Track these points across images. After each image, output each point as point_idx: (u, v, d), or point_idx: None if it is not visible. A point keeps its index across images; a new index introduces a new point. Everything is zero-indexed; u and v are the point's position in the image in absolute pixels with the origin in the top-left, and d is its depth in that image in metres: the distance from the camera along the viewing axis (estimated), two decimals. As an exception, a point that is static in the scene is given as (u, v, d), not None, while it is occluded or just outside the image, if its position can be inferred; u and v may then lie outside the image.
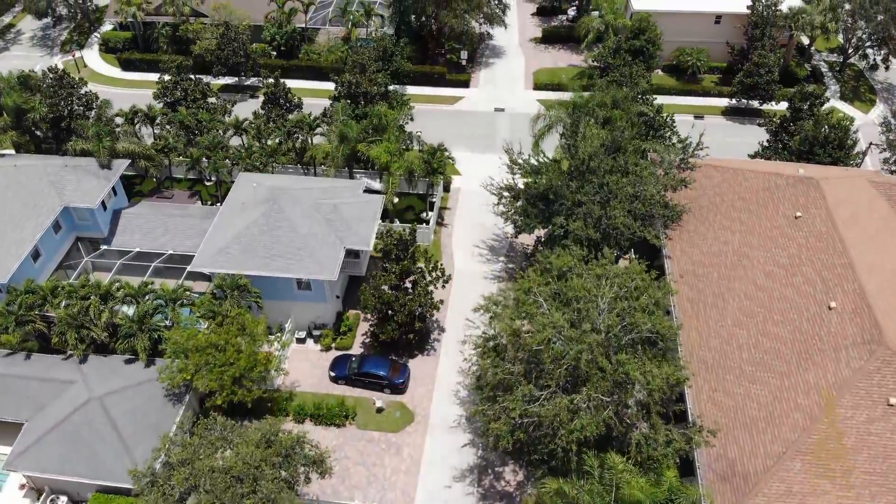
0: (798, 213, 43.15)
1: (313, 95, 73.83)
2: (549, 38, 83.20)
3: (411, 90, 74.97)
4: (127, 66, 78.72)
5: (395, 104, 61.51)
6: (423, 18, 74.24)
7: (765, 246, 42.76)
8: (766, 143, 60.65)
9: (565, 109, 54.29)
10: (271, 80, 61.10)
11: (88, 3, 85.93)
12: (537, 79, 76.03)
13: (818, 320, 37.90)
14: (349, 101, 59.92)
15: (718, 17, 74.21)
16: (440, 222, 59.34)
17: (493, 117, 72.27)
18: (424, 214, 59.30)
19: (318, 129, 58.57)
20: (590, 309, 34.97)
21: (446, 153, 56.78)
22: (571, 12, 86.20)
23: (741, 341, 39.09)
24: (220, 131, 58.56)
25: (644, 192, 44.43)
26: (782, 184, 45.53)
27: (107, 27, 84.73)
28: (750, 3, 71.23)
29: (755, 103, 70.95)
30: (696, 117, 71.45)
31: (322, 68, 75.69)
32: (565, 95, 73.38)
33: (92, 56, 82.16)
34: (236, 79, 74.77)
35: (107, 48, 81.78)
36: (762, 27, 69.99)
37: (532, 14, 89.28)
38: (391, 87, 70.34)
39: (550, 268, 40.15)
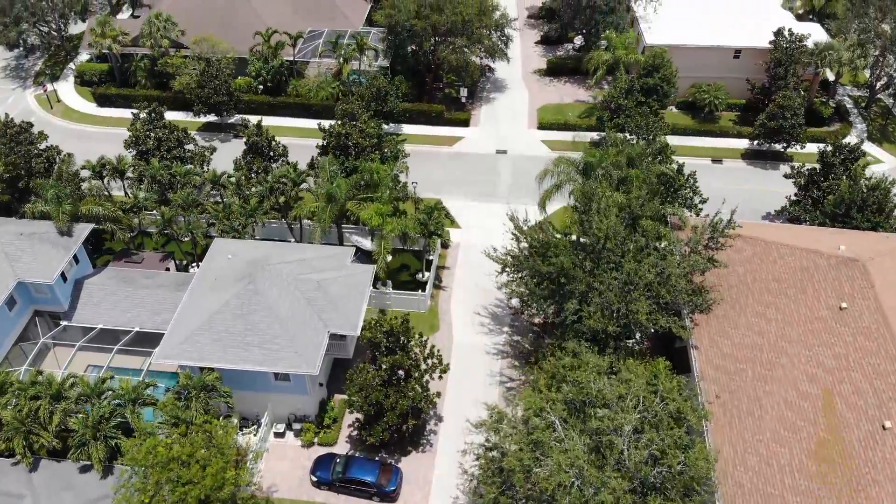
0: (843, 304, 37.96)
1: (301, 135, 69.01)
2: (555, 71, 78.02)
3: (407, 129, 69.98)
4: (103, 101, 73.52)
5: (388, 155, 56.32)
6: (420, 54, 69.01)
7: (806, 341, 37.59)
8: (794, 198, 55.59)
9: (575, 167, 49.24)
10: (253, 127, 55.82)
11: (63, 32, 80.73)
12: (542, 117, 70.82)
13: (871, 442, 32.76)
14: (338, 152, 54.75)
15: (737, 52, 69.07)
16: (437, 284, 54.17)
17: (495, 160, 67.07)
18: (420, 275, 54.18)
19: (304, 185, 53.53)
20: (613, 439, 29.84)
21: (444, 212, 51.67)
22: (578, 41, 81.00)
23: (782, 461, 33.92)
24: (197, 186, 53.44)
25: (668, 275, 39.21)
26: (823, 265, 40.35)
27: (83, 57, 79.46)
28: (772, 39, 66.07)
29: (778, 145, 65.73)
30: (713, 161, 66.32)
31: (311, 106, 70.61)
32: (572, 135, 68.88)
33: (66, 89, 76.97)
34: (219, 117, 69.45)
35: (82, 81, 76.59)
36: (786, 64, 64.80)
37: (536, 43, 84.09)
38: (386, 127, 65.52)
39: (565, 372, 35.04)
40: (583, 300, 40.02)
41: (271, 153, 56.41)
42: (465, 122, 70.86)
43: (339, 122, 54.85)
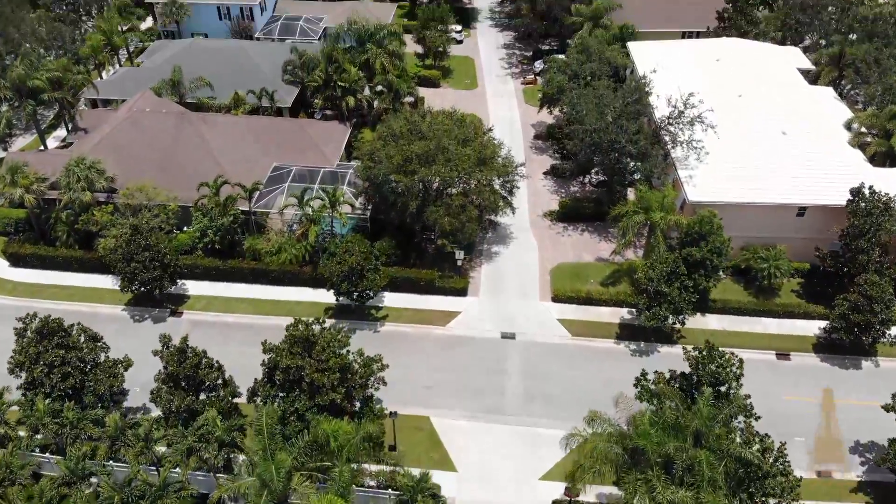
0: None
1: (257, 310, 55.78)
2: (570, 216, 64.00)
3: (389, 299, 56.25)
4: (15, 261, 59.51)
5: (357, 382, 41.98)
6: (407, 218, 55.04)
7: None
8: (901, 440, 41.23)
9: (620, 443, 34.89)
10: (173, 350, 41.44)
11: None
12: (557, 286, 56.60)
13: None
14: (288, 386, 40.47)
15: (802, 210, 55.30)
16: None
17: (501, 350, 52.67)
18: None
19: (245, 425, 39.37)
20: None
21: (435, 490, 37.20)
22: (595, 173, 66.98)
23: None
24: (95, 438, 39.20)
25: None
26: None
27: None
28: (850, 198, 52.29)
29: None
30: (778, 356, 52.05)
31: (270, 272, 56.73)
32: (596, 312, 54.85)
33: (-23, 238, 63.09)
34: (151, 293, 55.21)
35: (-5, 230, 62.86)
36: (868, 232, 50.88)
37: (545, 173, 70.28)
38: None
39: None
40: None
41: (201, 380, 42.01)
42: (461, 291, 56.76)
43: (290, 347, 40.42)
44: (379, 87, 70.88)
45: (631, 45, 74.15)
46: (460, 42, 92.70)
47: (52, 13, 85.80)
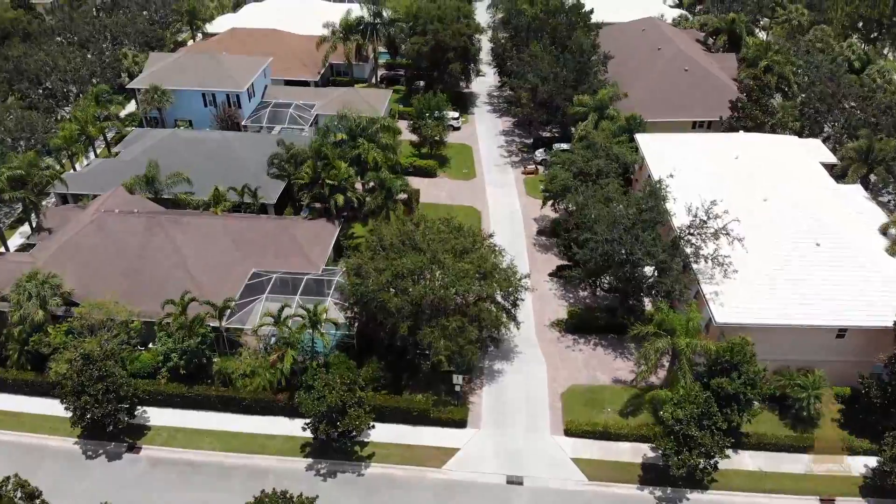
0: None
1: (226, 447, 48.79)
2: (580, 326, 57.82)
3: (378, 433, 49.31)
4: (-44, 385, 53.07)
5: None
6: (397, 340, 48.88)
7: None
8: None
9: None
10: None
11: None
12: (570, 417, 49.84)
13: None
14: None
15: (842, 331, 49.21)
16: None
17: (507, 498, 45.62)
18: None
19: None
20: None
21: None
22: (605, 281, 60.59)
23: None
24: None
25: None
26: None
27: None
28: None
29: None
30: (822, 501, 45.19)
31: (241, 399, 50.19)
32: (615, 449, 48.04)
33: (-82, 356, 56.50)
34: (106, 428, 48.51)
35: (-62, 346, 56.34)
36: (922, 362, 44.79)
37: (550, 275, 64.25)
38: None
39: None
40: None
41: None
42: (460, 423, 50.03)
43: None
44: (371, 184, 65.53)
45: (639, 138, 69.33)
46: (458, 129, 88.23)
47: (27, 100, 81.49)
